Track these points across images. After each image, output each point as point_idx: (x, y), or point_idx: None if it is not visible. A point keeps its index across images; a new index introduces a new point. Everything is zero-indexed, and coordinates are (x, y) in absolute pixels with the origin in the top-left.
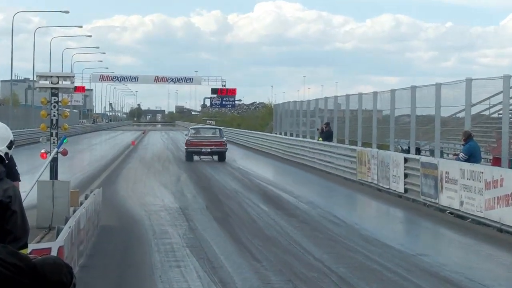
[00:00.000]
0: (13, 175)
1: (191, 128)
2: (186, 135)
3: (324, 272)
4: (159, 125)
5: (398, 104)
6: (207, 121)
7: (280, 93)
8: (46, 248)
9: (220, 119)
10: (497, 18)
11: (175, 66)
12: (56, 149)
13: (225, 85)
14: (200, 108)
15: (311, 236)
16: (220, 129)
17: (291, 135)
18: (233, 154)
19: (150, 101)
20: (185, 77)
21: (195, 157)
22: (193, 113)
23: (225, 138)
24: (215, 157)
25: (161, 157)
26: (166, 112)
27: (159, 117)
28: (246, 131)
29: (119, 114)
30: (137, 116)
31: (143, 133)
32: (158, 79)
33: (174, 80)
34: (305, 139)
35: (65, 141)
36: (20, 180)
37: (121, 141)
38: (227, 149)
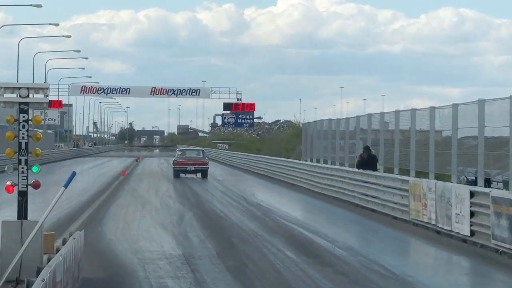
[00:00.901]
0: None
1: (178, 150)
2: (174, 156)
3: None
4: (157, 150)
5: (462, 122)
6: (218, 144)
7: (311, 108)
8: None
9: (235, 142)
10: None
11: (177, 74)
12: (62, 188)
13: (240, 99)
14: (209, 128)
15: None
16: (203, 150)
17: (325, 162)
18: (251, 186)
19: (145, 120)
20: (190, 89)
21: (182, 175)
22: (200, 134)
23: (207, 158)
24: (199, 175)
25: (159, 191)
26: (165, 134)
27: (156, 140)
28: (268, 157)
29: (105, 136)
30: (129, 138)
31: (137, 160)
32: (155, 91)
33: (175, 93)
34: (343, 168)
35: (36, 170)
36: None
37: (109, 170)
38: (208, 167)
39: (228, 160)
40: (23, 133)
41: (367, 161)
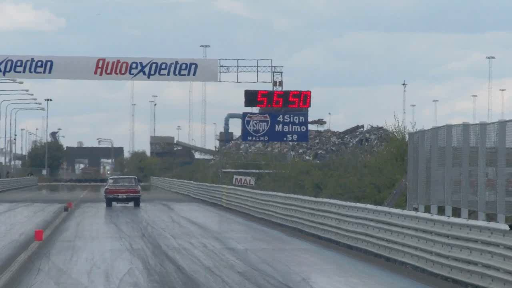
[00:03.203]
0: None
1: (109, 178)
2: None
3: None
4: None
5: None
6: (235, 176)
7: (426, 102)
8: None
9: (269, 172)
10: None
11: (150, 34)
12: None
13: (281, 83)
14: (217, 143)
15: None
16: (135, 178)
17: (456, 213)
18: (303, 264)
19: (85, 127)
20: (177, 62)
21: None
22: (197, 155)
23: (139, 186)
24: (131, 203)
25: (113, 272)
26: (126, 154)
27: (108, 168)
28: (338, 203)
29: (2, 161)
30: (51, 164)
31: (67, 209)
32: (105, 68)
33: (147, 71)
34: (492, 225)
35: None
36: None
37: (8, 231)
38: (140, 195)
39: (257, 208)
40: None
41: None
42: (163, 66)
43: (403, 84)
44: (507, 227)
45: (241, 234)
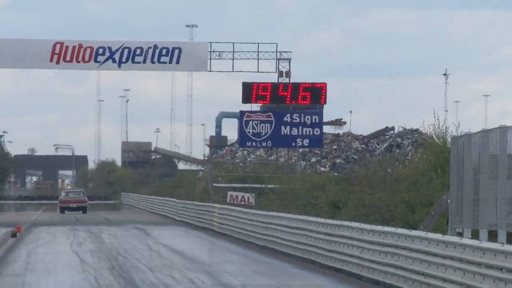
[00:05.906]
0: None
1: (62, 192)
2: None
3: None
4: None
5: None
6: (230, 193)
7: (473, 98)
8: None
9: (277, 187)
10: None
11: (120, 11)
12: None
13: (288, 73)
14: (206, 151)
15: None
16: (82, 191)
17: None
18: None
19: (38, 131)
20: (155, 46)
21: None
22: (181, 166)
23: (86, 197)
24: (81, 211)
25: None
26: (91, 165)
27: (68, 182)
28: (361, 227)
29: None
30: None
31: (14, 234)
32: (63, 54)
33: (117, 59)
34: None
35: None
36: None
37: None
38: (87, 204)
39: (257, 233)
40: None
41: None
42: (138, 51)
43: (444, 75)
44: None
45: (237, 266)
